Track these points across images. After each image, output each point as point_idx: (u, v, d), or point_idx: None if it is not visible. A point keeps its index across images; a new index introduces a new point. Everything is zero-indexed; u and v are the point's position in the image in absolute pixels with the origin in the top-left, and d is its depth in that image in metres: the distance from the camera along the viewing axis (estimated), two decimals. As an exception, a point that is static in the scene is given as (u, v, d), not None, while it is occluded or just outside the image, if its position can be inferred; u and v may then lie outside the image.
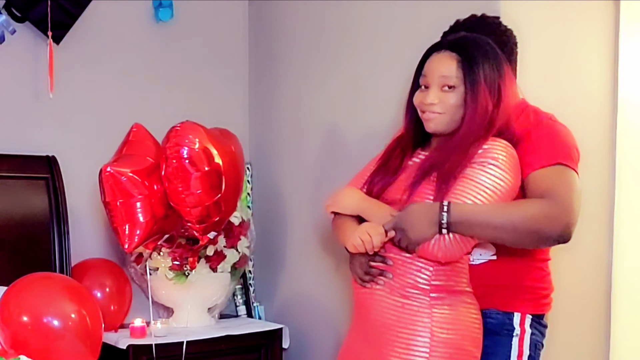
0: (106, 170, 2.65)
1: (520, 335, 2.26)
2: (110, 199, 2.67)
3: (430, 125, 2.18)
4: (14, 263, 3.00)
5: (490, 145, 2.12)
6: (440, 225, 2.04)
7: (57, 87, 3.21)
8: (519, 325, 2.26)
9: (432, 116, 2.17)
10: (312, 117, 3.50)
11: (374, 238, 2.10)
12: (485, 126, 2.13)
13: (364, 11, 3.22)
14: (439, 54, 2.19)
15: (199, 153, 2.64)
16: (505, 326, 2.26)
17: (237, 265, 3.35)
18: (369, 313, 2.19)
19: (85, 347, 2.60)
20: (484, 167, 2.09)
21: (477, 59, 2.15)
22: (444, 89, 2.15)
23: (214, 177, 2.68)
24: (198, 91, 3.68)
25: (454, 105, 2.15)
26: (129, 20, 3.50)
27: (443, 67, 2.16)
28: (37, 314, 2.55)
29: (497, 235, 2.09)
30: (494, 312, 2.26)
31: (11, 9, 3.18)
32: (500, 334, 2.26)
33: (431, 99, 2.16)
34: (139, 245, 2.75)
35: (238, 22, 3.80)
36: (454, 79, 2.14)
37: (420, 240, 2.06)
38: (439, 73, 2.16)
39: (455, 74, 2.14)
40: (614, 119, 3.09)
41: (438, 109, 2.16)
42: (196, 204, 2.67)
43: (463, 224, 2.04)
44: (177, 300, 3.31)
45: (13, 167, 3.13)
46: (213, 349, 3.22)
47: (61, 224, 3.13)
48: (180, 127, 2.67)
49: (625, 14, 3.06)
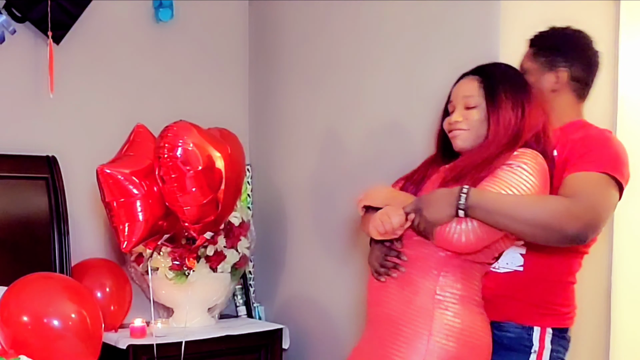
0: (101, 171, 2.67)
1: (539, 351, 2.19)
2: (108, 199, 2.68)
3: (458, 142, 2.25)
4: (14, 263, 3.00)
5: (520, 152, 2.14)
6: (458, 207, 1.99)
7: (57, 87, 3.21)
8: (538, 340, 2.20)
9: (458, 133, 2.24)
10: (312, 117, 3.50)
11: (394, 219, 2.09)
12: (511, 138, 2.16)
13: (364, 11, 3.22)
14: (463, 80, 2.31)
15: (192, 152, 2.64)
16: (523, 341, 2.21)
17: (237, 265, 3.35)
18: (379, 306, 2.19)
19: (85, 347, 2.60)
20: (512, 169, 2.10)
21: (496, 76, 2.25)
22: (467, 108, 2.23)
23: (208, 177, 2.68)
24: (198, 91, 3.68)
25: (478, 121, 2.21)
26: (129, 20, 3.50)
27: (465, 89, 2.27)
28: (37, 314, 2.55)
29: (515, 226, 2.01)
30: (512, 325, 2.22)
31: (11, 9, 3.18)
32: (517, 350, 2.20)
33: (456, 118, 2.25)
34: (137, 245, 2.76)
35: (238, 22, 3.80)
36: (476, 98, 2.23)
37: (437, 221, 2.02)
38: (462, 94, 2.26)
39: (476, 92, 2.23)
40: (614, 119, 3.09)
41: (463, 126, 2.23)
42: (190, 204, 2.67)
43: (481, 209, 1.98)
44: (177, 300, 3.31)
45: (13, 167, 3.13)
46: (213, 349, 3.22)
47: (61, 224, 3.14)
48: (173, 127, 2.68)
49: (625, 14, 3.06)
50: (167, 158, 2.62)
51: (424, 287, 2.11)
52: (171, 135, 2.66)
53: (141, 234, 2.71)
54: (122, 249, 2.74)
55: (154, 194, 2.70)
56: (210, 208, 2.72)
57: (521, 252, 2.24)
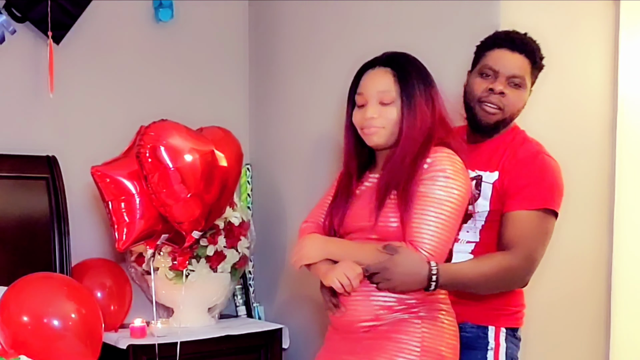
0: (94, 171, 2.69)
1: (495, 349, 2.28)
2: (105, 198, 2.70)
3: (373, 138, 2.20)
4: (14, 263, 3.00)
5: (433, 158, 2.15)
6: (429, 287, 2.08)
7: (57, 87, 3.21)
8: (493, 339, 2.28)
9: (373, 130, 2.19)
10: (312, 117, 3.50)
11: (353, 281, 2.11)
12: (426, 137, 2.16)
13: (363, 11, 3.22)
14: (373, 71, 2.23)
15: (170, 150, 2.64)
16: (480, 340, 2.28)
17: (237, 265, 3.35)
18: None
19: (85, 347, 2.60)
20: (435, 182, 2.12)
21: (411, 73, 2.20)
22: (382, 104, 2.18)
23: (188, 174, 2.67)
24: (198, 91, 3.68)
25: (393, 120, 2.18)
26: (129, 20, 3.50)
27: (380, 83, 2.20)
28: (37, 314, 2.55)
29: (474, 289, 2.22)
30: (468, 325, 2.28)
31: (11, 9, 3.18)
32: (476, 348, 2.28)
33: (371, 114, 2.19)
34: (131, 245, 2.76)
35: (238, 22, 3.80)
36: (392, 94, 2.18)
37: (403, 291, 2.11)
38: (376, 89, 2.20)
39: (392, 88, 2.18)
40: (614, 119, 3.09)
41: (378, 123, 2.18)
42: (173, 201, 2.67)
43: (446, 286, 2.12)
44: (177, 300, 3.31)
45: (13, 167, 3.13)
46: (213, 349, 3.22)
47: (61, 224, 3.13)
48: (151, 126, 2.68)
49: (625, 14, 3.06)
50: (147, 156, 2.63)
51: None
52: (151, 134, 2.66)
53: (135, 234, 2.71)
54: (117, 247, 2.75)
55: (148, 194, 2.71)
56: (193, 205, 2.71)
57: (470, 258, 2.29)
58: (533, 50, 2.32)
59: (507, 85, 2.29)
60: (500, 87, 2.28)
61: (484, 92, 2.31)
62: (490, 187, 2.28)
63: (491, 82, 2.30)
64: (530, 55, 2.30)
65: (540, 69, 2.36)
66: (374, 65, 2.24)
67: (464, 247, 2.30)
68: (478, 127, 2.35)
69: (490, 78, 2.31)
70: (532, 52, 2.31)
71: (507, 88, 2.28)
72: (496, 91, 2.28)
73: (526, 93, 2.33)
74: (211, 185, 2.75)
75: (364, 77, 2.23)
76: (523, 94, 2.32)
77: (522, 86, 2.30)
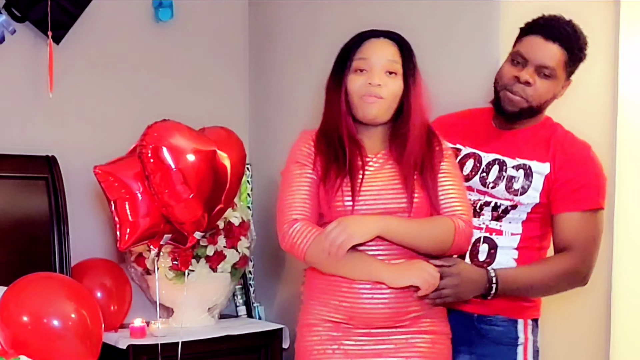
0: (95, 170, 2.69)
1: (525, 343, 2.27)
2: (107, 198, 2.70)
3: (373, 110, 2.14)
4: (14, 263, 3.00)
5: (437, 136, 2.24)
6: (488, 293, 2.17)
7: (57, 87, 3.21)
8: (523, 332, 2.27)
9: (374, 100, 2.13)
10: (312, 117, 3.50)
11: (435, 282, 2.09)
12: (428, 113, 2.20)
13: (364, 11, 3.22)
14: (378, 40, 2.18)
15: (173, 150, 2.64)
16: (511, 334, 2.26)
17: (237, 265, 3.35)
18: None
19: (85, 347, 2.60)
20: (452, 159, 2.21)
21: (411, 49, 2.19)
22: (389, 73, 2.14)
23: (190, 174, 2.66)
24: (198, 91, 3.68)
25: (394, 93, 2.14)
26: (129, 20, 3.50)
27: (388, 51, 2.15)
28: (37, 314, 2.55)
29: (533, 293, 2.29)
30: (500, 318, 2.26)
31: (11, 9, 3.18)
32: (506, 344, 2.26)
33: (378, 80, 2.12)
34: (132, 245, 2.76)
35: (238, 22, 3.80)
36: (397, 65, 2.15)
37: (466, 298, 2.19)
38: (385, 57, 2.15)
39: (399, 60, 2.15)
40: (614, 119, 3.09)
41: (383, 93, 2.13)
42: (175, 202, 2.67)
43: (506, 291, 2.19)
44: (177, 300, 3.31)
45: (13, 167, 3.12)
46: (213, 349, 3.22)
47: (61, 224, 3.13)
48: (154, 126, 2.68)
49: (625, 14, 3.06)
50: (149, 156, 2.63)
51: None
52: (154, 134, 2.66)
53: (137, 234, 2.71)
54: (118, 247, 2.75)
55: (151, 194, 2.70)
56: (196, 206, 2.71)
57: (514, 256, 2.28)
58: (571, 40, 2.23)
59: (536, 75, 2.22)
60: (527, 76, 2.21)
61: (510, 79, 2.24)
62: (542, 179, 2.24)
63: (519, 70, 2.23)
64: (566, 45, 2.22)
65: (579, 60, 2.28)
66: (377, 35, 2.19)
67: (509, 240, 2.27)
68: (503, 113, 2.30)
69: (519, 65, 2.24)
70: (570, 41, 2.23)
71: (534, 77, 2.21)
72: (522, 80, 2.22)
73: (558, 84, 2.26)
74: (214, 185, 2.75)
75: (367, 44, 2.17)
76: (553, 85, 2.24)
77: (552, 77, 2.22)
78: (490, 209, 2.26)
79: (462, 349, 2.25)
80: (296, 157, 2.25)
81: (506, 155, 2.27)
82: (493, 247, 2.25)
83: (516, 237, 2.26)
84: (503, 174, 2.25)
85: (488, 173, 2.28)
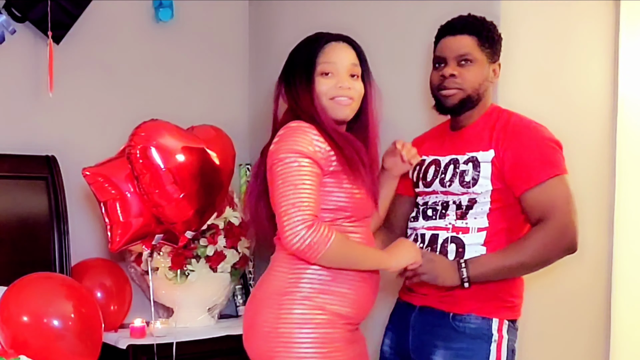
0: (84, 172, 2.69)
1: (499, 341, 2.29)
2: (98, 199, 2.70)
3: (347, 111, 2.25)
4: (14, 263, 3.00)
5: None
6: (462, 282, 2.25)
7: (57, 87, 3.21)
8: (497, 331, 2.29)
9: (349, 102, 2.25)
10: (312, 117, 3.50)
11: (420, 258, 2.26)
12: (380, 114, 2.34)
13: (364, 11, 3.22)
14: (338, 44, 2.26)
15: (161, 150, 2.63)
16: (484, 331, 2.29)
17: (237, 265, 3.34)
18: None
19: (85, 347, 2.60)
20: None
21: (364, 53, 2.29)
22: (352, 76, 2.24)
23: (179, 174, 2.66)
24: (198, 91, 3.68)
25: (360, 94, 2.26)
26: (129, 20, 3.50)
27: (350, 56, 2.27)
28: (37, 314, 2.55)
29: (513, 274, 2.30)
30: (473, 317, 2.30)
31: (11, 9, 3.18)
32: (481, 338, 2.29)
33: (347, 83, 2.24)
34: (124, 246, 2.75)
35: (238, 22, 3.80)
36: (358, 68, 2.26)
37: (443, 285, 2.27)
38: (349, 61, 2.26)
39: (358, 63, 2.27)
40: (614, 119, 3.09)
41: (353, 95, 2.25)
42: (165, 202, 2.66)
43: (480, 276, 2.24)
44: (177, 300, 3.31)
45: (13, 167, 3.13)
46: (213, 349, 3.22)
47: (61, 224, 3.13)
48: (142, 126, 2.67)
49: (625, 14, 3.06)
50: (138, 157, 2.63)
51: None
52: (142, 134, 2.66)
53: (128, 235, 2.70)
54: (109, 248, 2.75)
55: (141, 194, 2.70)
56: (186, 206, 2.70)
57: (482, 252, 2.30)
58: (475, 26, 2.35)
59: (458, 67, 2.33)
60: (450, 70, 2.33)
61: (438, 79, 2.37)
62: (489, 165, 2.29)
63: (442, 69, 2.36)
64: (473, 32, 2.34)
65: (494, 40, 2.37)
66: (336, 39, 2.27)
67: (476, 237, 2.30)
68: (447, 110, 2.40)
69: (442, 66, 2.37)
70: (474, 27, 2.35)
71: (457, 69, 2.33)
72: (447, 75, 2.33)
73: (482, 67, 2.34)
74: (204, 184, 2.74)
75: (329, 47, 2.24)
76: (477, 68, 2.33)
77: (472, 61, 2.33)
78: (454, 208, 2.33)
79: (438, 344, 2.30)
80: (299, 149, 2.12)
81: (458, 153, 2.36)
82: (461, 246, 2.30)
83: (482, 233, 2.30)
84: (457, 170, 2.34)
85: (445, 173, 2.38)
